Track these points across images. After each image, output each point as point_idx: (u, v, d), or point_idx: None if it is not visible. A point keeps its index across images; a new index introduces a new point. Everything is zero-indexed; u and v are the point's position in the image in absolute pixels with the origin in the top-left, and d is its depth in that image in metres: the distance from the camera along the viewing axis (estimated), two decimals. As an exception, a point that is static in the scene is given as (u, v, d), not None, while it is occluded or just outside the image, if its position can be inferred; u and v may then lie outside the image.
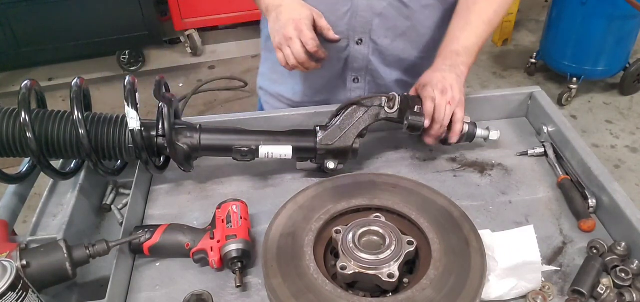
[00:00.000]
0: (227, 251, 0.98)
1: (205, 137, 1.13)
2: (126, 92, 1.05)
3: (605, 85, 3.75)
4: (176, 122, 1.13)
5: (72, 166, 1.18)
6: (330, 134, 1.16)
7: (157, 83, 1.15)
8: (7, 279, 0.75)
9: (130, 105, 1.04)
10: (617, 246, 1.00)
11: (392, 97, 1.17)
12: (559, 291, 0.96)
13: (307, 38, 1.13)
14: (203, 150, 1.14)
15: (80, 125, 1.01)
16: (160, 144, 1.10)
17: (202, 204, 1.18)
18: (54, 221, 1.14)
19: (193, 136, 1.12)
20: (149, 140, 1.09)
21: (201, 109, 3.69)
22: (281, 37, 1.15)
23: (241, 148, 1.13)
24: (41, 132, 1.03)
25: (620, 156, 3.19)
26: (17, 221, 1.14)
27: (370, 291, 0.92)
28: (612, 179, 1.10)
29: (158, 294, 0.99)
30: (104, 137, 1.07)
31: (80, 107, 1.02)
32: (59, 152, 1.07)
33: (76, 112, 1.01)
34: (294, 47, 1.13)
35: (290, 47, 1.14)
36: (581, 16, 3.26)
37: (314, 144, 1.16)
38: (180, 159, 1.12)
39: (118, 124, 1.09)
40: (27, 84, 1.05)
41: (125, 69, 4.05)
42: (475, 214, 1.12)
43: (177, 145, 1.10)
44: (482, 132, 1.24)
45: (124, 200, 1.20)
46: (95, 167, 1.08)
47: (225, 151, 1.15)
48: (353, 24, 1.27)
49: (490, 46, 4.37)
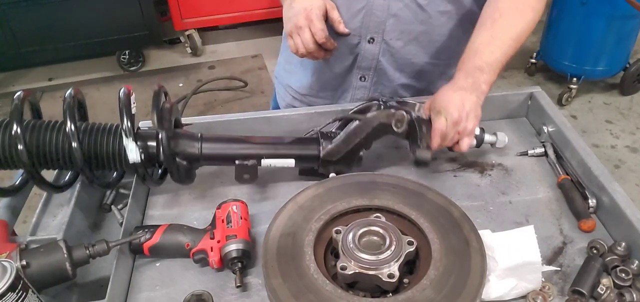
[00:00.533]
0: (227, 251, 0.98)
1: (207, 146, 1.10)
2: (120, 105, 1.02)
3: (605, 85, 3.75)
4: (176, 133, 1.09)
5: (67, 179, 1.13)
6: (335, 149, 1.15)
7: (155, 93, 1.10)
8: (6, 279, 0.75)
9: (129, 136, 1.00)
10: (617, 246, 1.00)
11: (400, 118, 1.14)
12: (559, 291, 0.96)
13: (317, 28, 1.16)
14: (204, 159, 1.11)
15: (73, 138, 0.98)
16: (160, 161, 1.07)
17: (202, 204, 1.18)
18: (54, 221, 1.14)
19: (194, 145, 1.09)
20: (145, 150, 1.05)
21: (201, 109, 3.69)
22: (292, 25, 1.19)
23: (243, 164, 1.11)
24: (33, 144, 0.99)
25: (620, 156, 3.18)
26: (17, 221, 1.14)
27: (370, 291, 0.92)
28: (612, 179, 1.10)
29: (158, 294, 0.99)
30: (100, 147, 1.03)
31: (73, 118, 0.99)
32: (52, 164, 1.04)
33: (69, 124, 0.98)
34: (303, 36, 1.17)
35: (300, 35, 1.18)
36: (581, 16, 3.26)
37: (317, 152, 1.15)
38: (182, 177, 1.10)
39: (113, 133, 1.04)
40: (20, 95, 1.02)
41: (125, 69, 4.05)
42: (475, 214, 1.12)
43: (178, 167, 1.08)
44: (489, 137, 1.23)
45: (124, 200, 1.20)
46: (91, 182, 1.05)
47: (227, 161, 1.13)
48: (366, 22, 1.26)
49: (490, 46, 4.37)
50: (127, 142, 1.01)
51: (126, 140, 1.01)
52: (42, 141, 1.00)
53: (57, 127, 1.02)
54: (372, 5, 1.24)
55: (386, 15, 1.25)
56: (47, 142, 1.01)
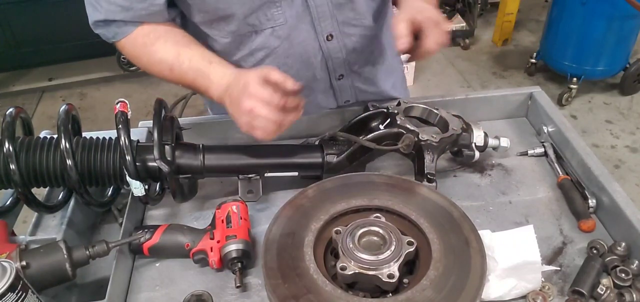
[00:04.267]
0: (227, 251, 0.98)
1: (209, 157, 1.09)
2: (117, 122, 1.00)
3: (605, 85, 3.75)
4: (177, 145, 1.07)
5: (60, 198, 1.10)
6: (340, 164, 1.15)
7: (156, 106, 1.08)
8: (6, 279, 0.75)
9: (131, 176, 1.00)
10: (617, 246, 1.00)
11: (408, 141, 1.12)
12: (559, 291, 0.96)
13: (264, 96, 0.95)
14: (207, 171, 1.10)
15: (67, 156, 0.97)
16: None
17: (202, 204, 1.18)
18: (53, 221, 1.14)
19: (197, 158, 1.08)
20: (143, 163, 1.03)
21: (201, 109, 3.69)
22: (244, 114, 0.97)
23: (247, 178, 1.10)
24: (23, 164, 0.97)
25: (620, 156, 3.18)
26: (17, 221, 1.14)
27: (370, 291, 0.92)
28: (612, 179, 1.09)
29: (158, 294, 0.99)
30: (94, 163, 1.01)
31: (68, 136, 0.98)
32: (44, 183, 1.02)
33: (63, 142, 0.96)
34: (260, 112, 0.95)
35: (257, 115, 0.96)
36: (581, 16, 3.26)
37: (320, 160, 1.14)
38: (186, 196, 1.10)
39: (109, 149, 1.03)
40: (12, 112, 1.00)
41: (125, 69, 4.04)
42: (475, 214, 1.12)
43: (181, 188, 1.07)
44: (493, 141, 1.23)
45: (123, 200, 1.20)
46: (88, 204, 1.04)
47: (230, 172, 1.13)
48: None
49: (490, 46, 4.37)
50: (131, 181, 1.00)
51: (130, 180, 1.00)
52: (36, 160, 0.98)
53: (53, 145, 1.00)
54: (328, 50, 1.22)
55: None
56: (40, 161, 0.98)
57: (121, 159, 1.00)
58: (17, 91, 3.91)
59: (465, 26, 4.26)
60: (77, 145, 1.01)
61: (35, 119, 3.51)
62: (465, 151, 1.21)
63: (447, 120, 1.20)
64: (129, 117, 1.02)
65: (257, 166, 1.12)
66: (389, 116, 1.19)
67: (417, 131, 1.13)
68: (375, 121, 1.21)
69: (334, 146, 1.15)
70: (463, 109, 1.28)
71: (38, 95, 3.91)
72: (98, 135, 1.07)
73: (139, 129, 1.28)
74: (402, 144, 1.12)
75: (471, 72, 4.07)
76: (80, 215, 1.11)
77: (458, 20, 4.27)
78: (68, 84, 3.98)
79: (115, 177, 1.04)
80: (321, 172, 1.15)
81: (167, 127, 1.06)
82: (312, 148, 1.17)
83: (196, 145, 1.10)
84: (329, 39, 1.21)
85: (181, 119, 1.20)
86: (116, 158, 1.02)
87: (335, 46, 1.22)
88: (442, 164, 1.27)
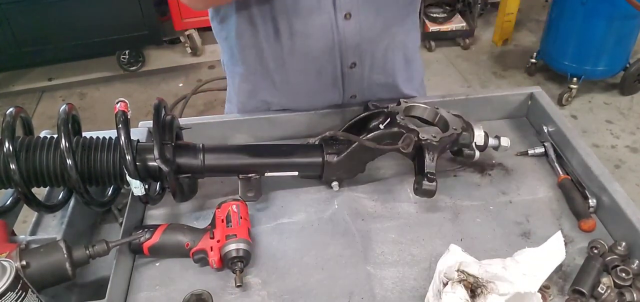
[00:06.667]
0: (227, 250, 0.98)
1: (209, 157, 1.09)
2: (117, 121, 0.99)
3: (605, 85, 3.74)
4: (177, 145, 1.07)
5: (60, 198, 1.10)
6: (340, 163, 1.14)
7: (156, 107, 1.07)
8: (6, 279, 0.75)
9: (131, 175, 0.99)
10: (618, 245, 1.00)
11: (408, 141, 1.11)
12: (559, 290, 0.96)
13: None
14: (208, 171, 1.10)
15: (67, 155, 0.96)
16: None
17: (202, 203, 1.18)
18: (53, 221, 1.14)
19: (197, 157, 1.08)
20: (143, 163, 1.02)
21: (201, 109, 3.69)
22: None
23: (247, 177, 1.10)
24: (24, 164, 0.97)
25: (621, 156, 3.18)
26: (17, 221, 1.14)
27: None
28: (612, 179, 1.10)
29: (158, 294, 0.99)
30: (94, 163, 1.01)
31: (68, 136, 0.97)
32: (44, 182, 1.02)
33: (63, 142, 0.96)
34: None
35: None
36: (581, 16, 3.26)
37: (320, 160, 1.14)
38: (186, 195, 1.10)
39: (109, 149, 1.02)
40: (12, 111, 0.99)
41: (125, 69, 4.04)
42: (475, 213, 1.12)
43: (182, 188, 1.07)
44: (493, 141, 1.22)
45: (123, 200, 1.20)
46: (88, 204, 1.03)
47: (230, 172, 1.13)
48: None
49: (490, 46, 4.37)
50: (131, 180, 1.00)
51: (129, 179, 1.00)
52: (36, 159, 0.98)
53: (53, 145, 0.99)
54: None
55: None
56: (41, 160, 0.98)
57: (121, 158, 1.00)
58: (17, 91, 3.91)
59: (465, 26, 4.26)
60: (77, 145, 1.01)
61: (35, 119, 3.50)
62: (465, 151, 1.21)
63: (447, 119, 1.19)
64: (129, 117, 1.01)
65: (257, 165, 1.12)
66: (389, 116, 1.18)
67: (417, 131, 1.13)
68: (375, 121, 1.21)
69: (334, 146, 1.15)
70: (463, 108, 1.27)
71: (38, 95, 3.91)
72: (98, 135, 1.07)
73: (139, 129, 1.27)
74: (402, 144, 1.12)
75: (471, 72, 4.07)
76: (80, 215, 1.11)
77: (458, 20, 4.27)
78: (68, 83, 3.98)
79: (115, 177, 1.03)
80: (321, 171, 1.15)
81: (167, 127, 1.05)
82: (312, 148, 1.17)
83: (196, 145, 1.09)
84: (347, 17, 1.16)
85: (181, 119, 1.20)
86: (116, 158, 1.02)
87: (351, 28, 1.18)
88: (442, 164, 1.27)
